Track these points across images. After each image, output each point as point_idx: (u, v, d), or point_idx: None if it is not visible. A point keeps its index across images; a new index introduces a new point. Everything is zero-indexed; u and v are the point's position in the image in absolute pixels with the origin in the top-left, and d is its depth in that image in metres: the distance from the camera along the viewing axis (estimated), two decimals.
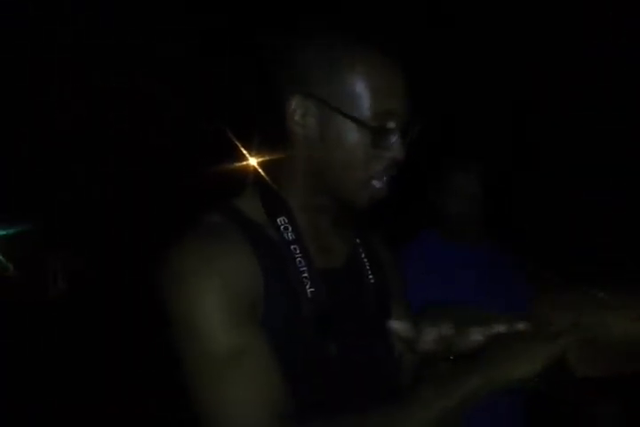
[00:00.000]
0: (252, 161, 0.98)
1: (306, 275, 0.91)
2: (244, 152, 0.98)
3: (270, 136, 0.96)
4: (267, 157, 0.97)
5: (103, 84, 3.91)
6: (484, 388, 0.81)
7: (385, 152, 0.91)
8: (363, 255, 1.03)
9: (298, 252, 0.91)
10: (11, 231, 3.44)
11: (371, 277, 1.02)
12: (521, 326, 0.86)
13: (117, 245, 4.00)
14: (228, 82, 3.96)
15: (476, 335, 0.89)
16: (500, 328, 0.87)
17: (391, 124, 0.90)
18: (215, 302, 0.83)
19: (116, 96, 3.88)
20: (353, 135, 0.90)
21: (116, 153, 4.03)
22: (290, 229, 0.92)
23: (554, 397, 1.89)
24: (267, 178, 0.96)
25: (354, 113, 0.89)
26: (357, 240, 1.05)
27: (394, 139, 0.91)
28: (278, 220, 0.92)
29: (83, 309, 3.75)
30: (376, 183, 0.93)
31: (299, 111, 0.91)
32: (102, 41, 3.79)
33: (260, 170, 0.96)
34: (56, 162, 4.03)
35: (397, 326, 0.92)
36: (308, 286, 0.90)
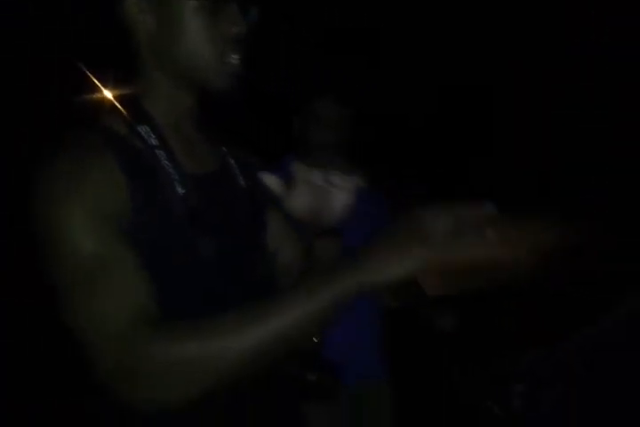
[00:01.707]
0: (110, 84, 0.99)
1: (175, 178, 0.93)
2: (100, 79, 0.99)
3: (121, 48, 1.00)
4: (122, 72, 1.00)
5: None
6: (357, 289, 0.82)
7: (227, 27, 0.94)
8: (232, 162, 1.07)
9: (164, 156, 0.93)
10: None
11: (242, 182, 1.05)
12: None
13: None
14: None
15: (341, 200, 0.93)
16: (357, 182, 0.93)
17: None
18: (79, 214, 0.84)
19: None
20: (191, 16, 0.93)
21: None
22: (153, 135, 0.94)
23: (406, 308, 2.00)
24: (125, 90, 0.98)
25: None
26: (225, 149, 1.09)
27: (232, 12, 0.94)
28: (140, 128, 0.94)
29: None
30: (228, 60, 0.95)
31: (134, 9, 0.94)
32: None
33: (117, 85, 0.98)
34: None
35: (268, 180, 0.94)
36: (178, 188, 0.93)
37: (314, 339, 1.49)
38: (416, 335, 2.10)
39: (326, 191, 0.92)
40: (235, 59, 0.96)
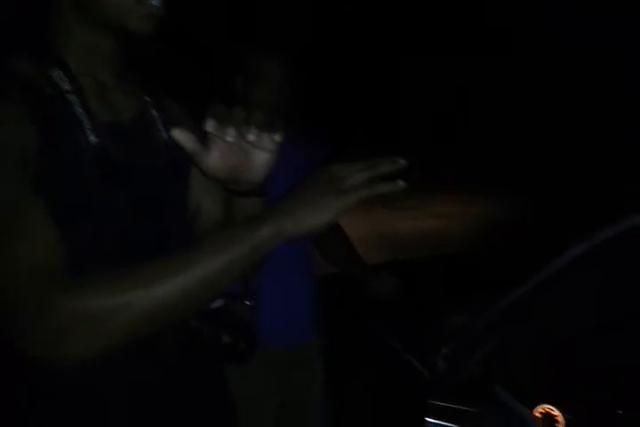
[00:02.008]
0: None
1: (87, 125, 0.89)
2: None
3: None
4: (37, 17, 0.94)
5: None
6: (276, 237, 0.83)
7: None
8: (155, 113, 1.03)
9: (77, 103, 0.90)
10: None
11: (164, 134, 1.01)
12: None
13: None
14: None
15: (262, 156, 0.89)
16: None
17: None
18: None
19: None
20: None
21: None
22: (66, 81, 0.90)
23: (345, 275, 2.08)
24: (39, 36, 0.93)
25: None
26: (148, 98, 1.04)
27: None
28: (53, 73, 0.90)
29: None
30: (146, 1, 0.91)
31: None
32: None
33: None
34: None
35: (179, 135, 0.87)
36: (90, 136, 0.89)
37: (247, 302, 1.52)
38: (353, 301, 2.16)
39: (245, 149, 0.88)
40: (155, 0, 0.92)
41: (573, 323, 1.51)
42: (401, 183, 0.83)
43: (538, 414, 1.59)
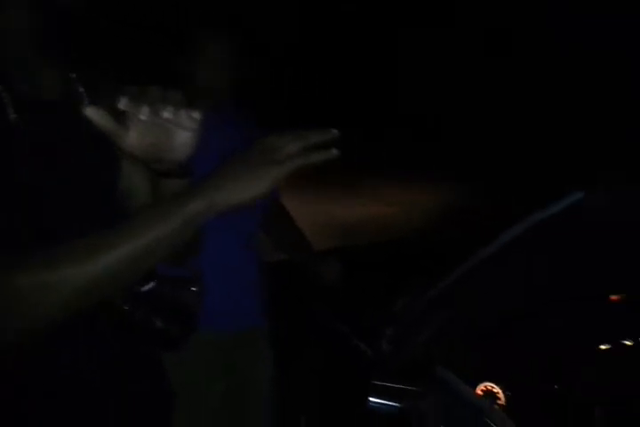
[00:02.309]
0: None
1: (7, 101, 0.87)
2: None
3: None
4: None
5: None
6: (207, 210, 0.82)
7: None
8: (82, 90, 1.00)
9: None
10: None
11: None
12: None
13: None
14: None
15: (182, 135, 0.86)
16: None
17: None
18: None
19: None
20: None
21: None
22: None
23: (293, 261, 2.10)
24: None
25: None
26: (74, 75, 1.01)
27: None
28: None
29: None
30: None
31: None
32: None
33: None
34: None
35: (92, 113, 0.84)
36: (10, 113, 0.87)
37: (192, 289, 1.51)
38: (300, 286, 2.18)
39: (165, 128, 0.85)
40: None
41: (512, 303, 1.56)
42: (335, 151, 0.83)
43: (480, 392, 1.63)
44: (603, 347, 1.70)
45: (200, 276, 1.53)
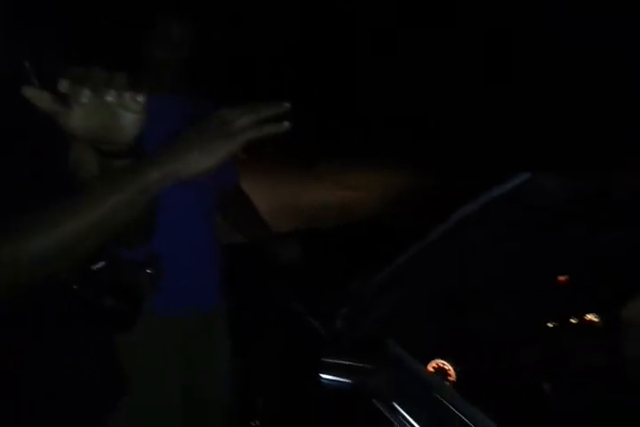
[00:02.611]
0: None
1: None
2: None
3: None
4: None
5: None
6: (162, 180, 0.83)
7: None
8: (28, 67, 0.98)
9: None
10: None
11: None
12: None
13: None
14: None
15: (128, 116, 0.87)
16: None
17: None
18: None
19: None
20: None
21: None
22: None
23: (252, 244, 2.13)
24: None
25: None
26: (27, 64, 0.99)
27: None
28: None
29: None
30: None
31: None
32: None
33: None
34: None
35: (32, 94, 0.84)
36: None
37: (147, 271, 1.51)
38: (259, 268, 2.19)
39: (110, 110, 0.86)
40: None
41: (463, 283, 1.60)
42: (287, 124, 0.85)
43: (431, 369, 1.68)
44: (550, 325, 1.76)
45: (156, 259, 1.53)
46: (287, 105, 0.87)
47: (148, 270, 1.48)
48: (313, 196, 6.59)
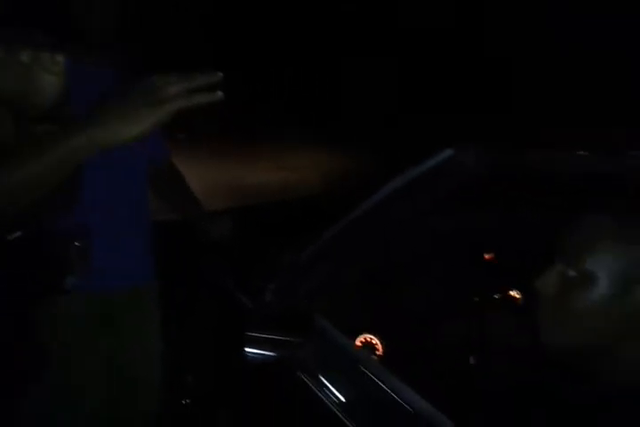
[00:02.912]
0: None
1: None
2: None
3: None
4: None
5: None
6: (87, 147, 0.82)
7: None
8: None
9: None
10: None
11: None
12: None
13: None
14: None
15: (47, 78, 0.86)
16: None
17: None
18: None
19: None
20: None
21: None
22: None
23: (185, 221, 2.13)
24: None
25: None
26: None
27: None
28: None
29: None
30: None
31: None
32: None
33: None
34: None
35: None
36: None
37: (75, 243, 1.48)
38: (190, 244, 2.17)
39: (26, 71, 0.84)
40: None
41: (391, 258, 1.62)
42: (219, 94, 0.84)
43: (359, 343, 1.71)
44: (474, 301, 1.82)
45: (86, 231, 1.50)
46: (220, 74, 0.85)
47: (77, 243, 1.45)
48: (251, 175, 6.60)
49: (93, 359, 1.86)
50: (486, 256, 1.85)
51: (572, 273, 0.88)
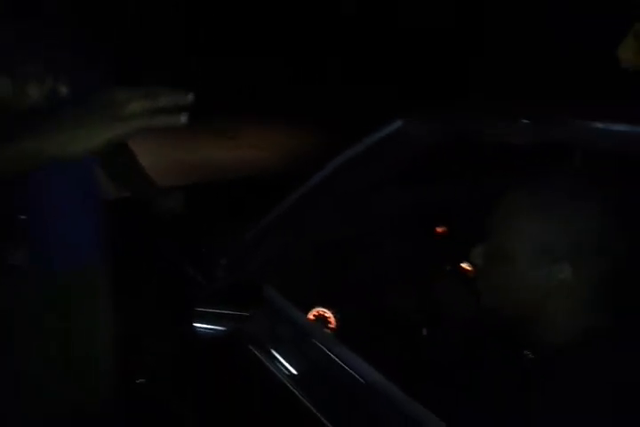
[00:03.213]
0: None
1: None
2: None
3: None
4: None
5: None
6: (35, 155, 0.80)
7: None
8: None
9: None
10: None
11: None
12: None
13: None
14: None
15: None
16: None
17: None
18: None
19: None
20: None
21: None
22: None
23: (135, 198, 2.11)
24: None
25: None
26: None
27: None
28: None
29: None
30: None
31: None
32: None
33: None
34: None
35: None
36: None
37: (21, 216, 1.44)
38: (143, 222, 2.14)
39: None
40: None
41: (342, 231, 1.62)
42: (183, 118, 0.78)
43: (312, 317, 1.71)
44: (426, 273, 1.83)
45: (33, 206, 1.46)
46: (191, 97, 0.80)
47: (22, 216, 1.42)
48: (209, 152, 6.55)
49: (42, 340, 1.83)
50: (438, 229, 1.87)
51: (493, 249, 0.91)
